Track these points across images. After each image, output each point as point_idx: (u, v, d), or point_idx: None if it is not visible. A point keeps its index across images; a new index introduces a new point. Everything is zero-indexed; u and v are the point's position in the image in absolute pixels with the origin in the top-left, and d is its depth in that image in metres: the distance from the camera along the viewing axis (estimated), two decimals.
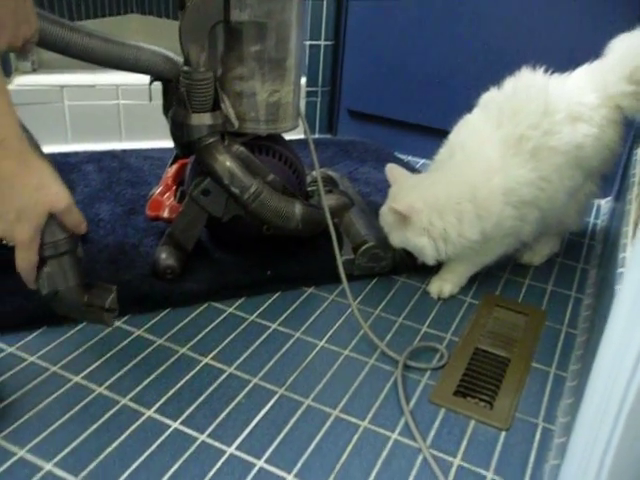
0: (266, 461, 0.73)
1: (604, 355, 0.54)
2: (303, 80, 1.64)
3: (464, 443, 0.78)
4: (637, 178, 0.93)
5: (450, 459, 0.75)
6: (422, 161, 1.63)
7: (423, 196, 0.99)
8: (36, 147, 0.79)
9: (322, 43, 1.61)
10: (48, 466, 0.70)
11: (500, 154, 0.99)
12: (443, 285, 1.08)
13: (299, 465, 0.73)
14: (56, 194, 0.71)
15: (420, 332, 0.98)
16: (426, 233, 0.98)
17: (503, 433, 0.80)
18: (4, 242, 0.71)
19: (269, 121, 1.03)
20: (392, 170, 1.07)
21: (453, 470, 0.74)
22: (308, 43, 1.61)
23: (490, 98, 1.07)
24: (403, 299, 1.06)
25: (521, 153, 0.98)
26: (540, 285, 1.13)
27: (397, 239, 1.02)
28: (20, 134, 0.68)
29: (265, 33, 0.98)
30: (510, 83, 1.05)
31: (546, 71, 1.05)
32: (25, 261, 0.70)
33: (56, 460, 0.71)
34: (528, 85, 1.03)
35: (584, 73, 1.07)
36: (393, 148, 1.67)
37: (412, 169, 1.46)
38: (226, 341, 0.92)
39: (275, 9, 0.96)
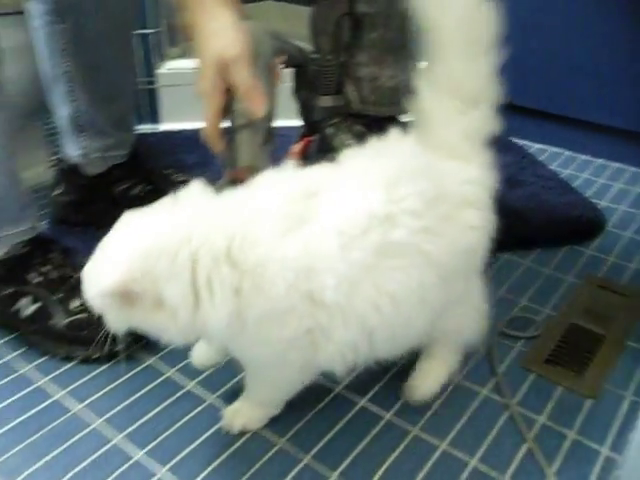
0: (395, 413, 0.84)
1: None
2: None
3: (550, 405, 0.84)
4: None
5: (535, 417, 0.82)
6: (536, 146, 1.64)
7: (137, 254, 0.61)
8: None
9: None
10: None
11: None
12: (235, 417, 0.79)
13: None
14: (230, 41, 0.73)
15: (518, 304, 1.04)
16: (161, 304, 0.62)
17: (590, 401, 0.85)
18: None
19: (388, 104, 1.12)
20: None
21: (537, 426, 0.81)
22: None
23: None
24: (505, 273, 1.12)
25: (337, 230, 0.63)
26: None
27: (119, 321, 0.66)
28: None
29: (385, 22, 1.07)
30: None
31: None
32: (206, 115, 0.78)
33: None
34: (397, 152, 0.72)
35: None
36: (510, 133, 1.69)
37: (524, 155, 1.50)
38: None
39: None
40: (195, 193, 0.66)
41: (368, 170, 0.67)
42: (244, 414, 0.79)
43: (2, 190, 0.89)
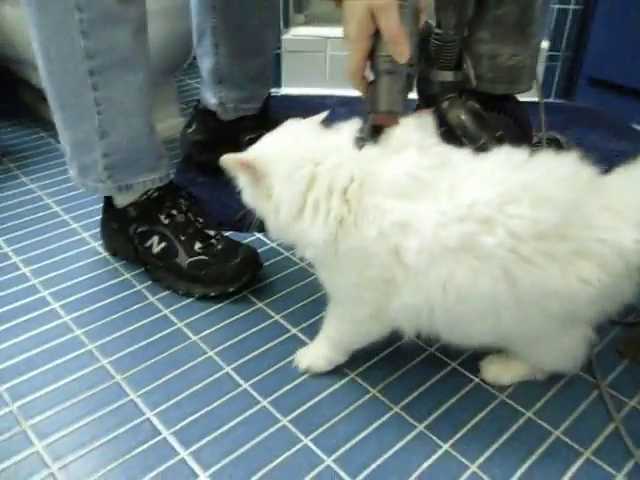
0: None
1: None
2: (545, 44, 1.68)
3: None
4: None
5: (625, 399, 0.83)
6: None
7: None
8: None
9: (570, 7, 1.63)
10: None
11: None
12: (302, 357, 0.88)
13: None
14: None
15: None
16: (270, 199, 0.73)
17: None
18: None
19: (505, 82, 1.13)
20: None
21: (626, 409, 0.82)
22: (556, 7, 1.63)
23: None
24: None
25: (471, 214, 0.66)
26: None
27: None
28: None
29: (512, 0, 1.07)
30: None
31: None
32: (349, 59, 0.79)
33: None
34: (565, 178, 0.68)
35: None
36: (633, 120, 1.64)
37: None
38: None
39: None
40: (347, 130, 0.75)
41: (503, 173, 0.69)
42: (310, 356, 0.87)
43: (142, 141, 0.99)
